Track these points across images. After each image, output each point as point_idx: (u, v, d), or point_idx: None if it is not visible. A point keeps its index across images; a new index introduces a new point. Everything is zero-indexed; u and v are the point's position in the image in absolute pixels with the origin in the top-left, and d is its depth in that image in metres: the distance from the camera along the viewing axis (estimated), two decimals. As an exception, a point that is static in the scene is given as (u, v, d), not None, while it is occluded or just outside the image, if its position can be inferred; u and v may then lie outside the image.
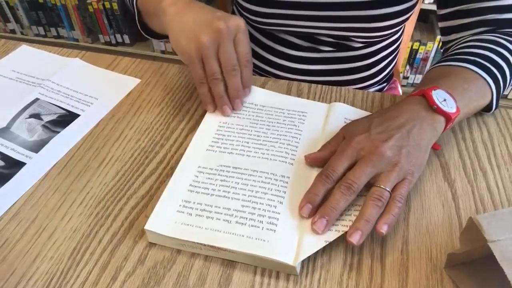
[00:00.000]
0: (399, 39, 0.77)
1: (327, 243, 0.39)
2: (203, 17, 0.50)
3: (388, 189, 0.40)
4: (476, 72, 0.49)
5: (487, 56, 0.51)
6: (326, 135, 0.49)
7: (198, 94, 0.55)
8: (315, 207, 0.41)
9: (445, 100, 0.45)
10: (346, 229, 0.39)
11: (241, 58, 0.50)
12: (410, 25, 0.95)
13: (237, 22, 0.49)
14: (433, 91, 0.45)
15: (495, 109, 0.53)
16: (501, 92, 0.52)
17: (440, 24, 0.61)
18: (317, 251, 0.40)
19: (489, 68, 0.50)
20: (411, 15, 0.66)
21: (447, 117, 0.45)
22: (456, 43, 0.58)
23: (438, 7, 0.61)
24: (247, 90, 0.54)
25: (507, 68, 0.51)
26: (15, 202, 0.46)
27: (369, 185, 0.41)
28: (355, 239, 0.38)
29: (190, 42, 0.49)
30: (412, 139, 0.43)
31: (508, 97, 1.78)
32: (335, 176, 0.42)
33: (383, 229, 0.39)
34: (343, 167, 0.42)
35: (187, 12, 0.52)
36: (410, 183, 0.42)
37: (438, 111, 0.44)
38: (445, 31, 0.61)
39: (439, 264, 0.39)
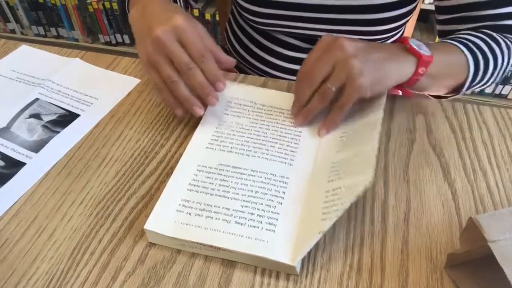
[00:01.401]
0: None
1: (322, 233, 0.38)
2: (147, 24, 0.49)
3: (333, 88, 0.46)
4: (462, 51, 0.52)
5: (477, 44, 0.53)
6: (325, 136, 0.50)
7: None
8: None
9: (419, 45, 0.48)
10: (339, 213, 0.38)
11: (193, 57, 0.48)
12: (410, 25, 0.95)
13: (173, 24, 0.47)
14: (410, 39, 0.49)
15: (463, 92, 0.56)
16: (477, 80, 0.54)
17: (439, 27, 0.63)
18: (317, 251, 0.40)
19: (475, 52, 0.52)
20: (411, 17, 0.66)
21: (418, 56, 0.47)
22: None
23: (437, 13, 0.62)
24: (220, 84, 0.49)
25: (492, 60, 0.53)
26: (15, 202, 0.46)
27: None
28: (298, 121, 0.50)
29: (141, 50, 0.49)
30: (376, 57, 0.46)
31: (508, 97, 1.78)
32: (302, 70, 0.49)
33: (323, 133, 0.49)
34: (308, 63, 0.48)
35: (141, 18, 0.51)
36: (358, 93, 0.45)
37: (410, 50, 0.47)
38: (443, 34, 0.62)
39: (439, 264, 0.39)
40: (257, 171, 0.46)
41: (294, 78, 0.72)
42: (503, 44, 0.55)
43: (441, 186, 0.46)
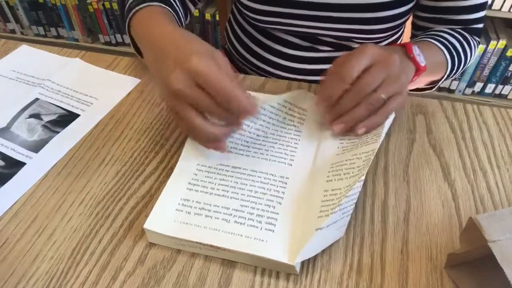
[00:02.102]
0: (399, 39, 0.77)
1: (320, 229, 0.38)
2: (163, 68, 0.43)
3: (384, 97, 0.46)
4: (444, 54, 0.59)
5: (454, 46, 0.61)
6: (324, 136, 0.50)
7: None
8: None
9: (419, 55, 0.52)
10: (334, 209, 0.38)
11: (218, 99, 0.41)
12: (410, 25, 0.95)
13: (188, 69, 0.41)
14: (412, 45, 0.52)
15: (436, 88, 0.66)
16: (450, 77, 0.64)
17: (414, 20, 0.69)
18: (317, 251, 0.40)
19: (453, 55, 0.60)
20: (410, 15, 0.67)
21: (418, 67, 0.51)
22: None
23: (416, 8, 0.67)
24: (253, 109, 0.42)
25: (463, 59, 0.63)
26: (15, 202, 0.46)
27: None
28: (338, 128, 0.47)
29: (164, 99, 0.48)
30: (401, 67, 0.48)
31: (508, 97, 1.78)
32: (351, 77, 0.46)
33: (361, 130, 0.47)
34: (358, 70, 0.46)
35: (155, 61, 0.46)
36: (404, 100, 0.49)
37: (412, 60, 0.51)
38: (416, 28, 0.69)
39: (439, 264, 0.39)
40: (256, 171, 0.46)
41: (293, 76, 0.73)
42: (472, 45, 0.64)
43: (441, 186, 0.46)
